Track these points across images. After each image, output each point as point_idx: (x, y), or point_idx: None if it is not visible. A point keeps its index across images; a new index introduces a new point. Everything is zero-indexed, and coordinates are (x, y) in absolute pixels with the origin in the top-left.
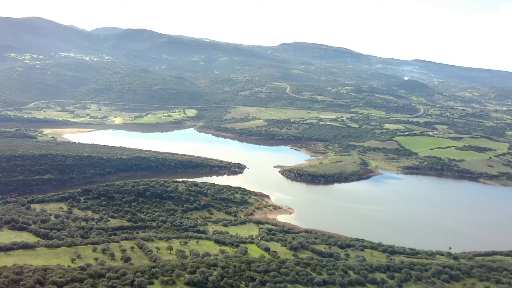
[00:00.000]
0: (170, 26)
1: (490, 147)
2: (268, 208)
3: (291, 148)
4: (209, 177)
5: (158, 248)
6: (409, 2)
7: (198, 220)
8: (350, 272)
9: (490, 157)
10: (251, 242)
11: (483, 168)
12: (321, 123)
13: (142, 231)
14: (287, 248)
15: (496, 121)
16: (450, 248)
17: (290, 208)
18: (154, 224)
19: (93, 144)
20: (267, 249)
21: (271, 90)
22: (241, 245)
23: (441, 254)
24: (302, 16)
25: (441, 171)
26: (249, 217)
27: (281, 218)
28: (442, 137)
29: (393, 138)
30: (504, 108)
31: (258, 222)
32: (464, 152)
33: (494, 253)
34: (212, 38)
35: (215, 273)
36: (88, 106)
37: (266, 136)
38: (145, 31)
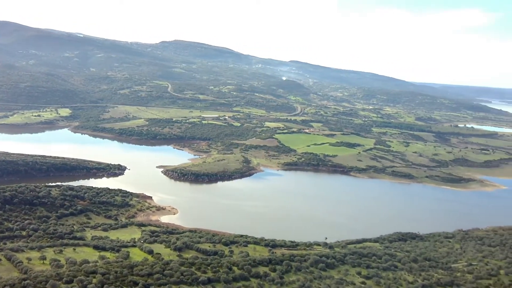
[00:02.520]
0: (39, 19)
1: (359, 143)
2: (151, 210)
3: (174, 148)
4: (86, 180)
5: (29, 259)
6: (287, 4)
7: (74, 226)
8: (235, 268)
9: (359, 152)
10: (134, 246)
11: (354, 163)
12: (203, 122)
13: (10, 242)
14: (171, 249)
15: (363, 119)
16: (326, 238)
17: (173, 208)
18: (24, 233)
19: None
20: (150, 252)
21: (152, 88)
22: (122, 249)
23: (318, 244)
24: (183, 14)
25: (317, 166)
26: (131, 219)
27: (165, 219)
28: (317, 134)
29: (274, 136)
30: (370, 107)
31: (140, 225)
32: (337, 148)
33: (364, 240)
34: (86, 33)
35: (94, 280)
36: None
37: (148, 136)
38: (9, 24)
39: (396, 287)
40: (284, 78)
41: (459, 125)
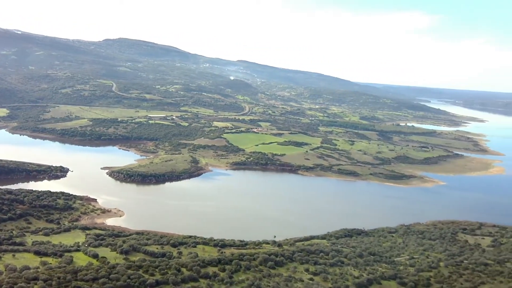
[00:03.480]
0: None
1: (307, 142)
2: (95, 212)
3: (120, 148)
4: (26, 183)
5: None
6: (233, 3)
7: (13, 231)
8: (183, 269)
9: (307, 151)
10: (77, 250)
11: (301, 161)
12: (150, 122)
13: None
14: (117, 253)
15: (310, 118)
16: (275, 236)
17: (120, 210)
18: None
19: None
20: (95, 256)
21: (95, 87)
22: (65, 254)
23: (267, 243)
24: (128, 11)
25: (265, 165)
26: (75, 223)
27: (110, 221)
28: (265, 134)
29: (222, 136)
30: (317, 106)
31: (84, 228)
32: (285, 147)
33: (312, 237)
34: (24, 29)
35: (36, 287)
36: None
37: (92, 137)
38: None
39: (342, 282)
40: (232, 78)
41: (400, 124)
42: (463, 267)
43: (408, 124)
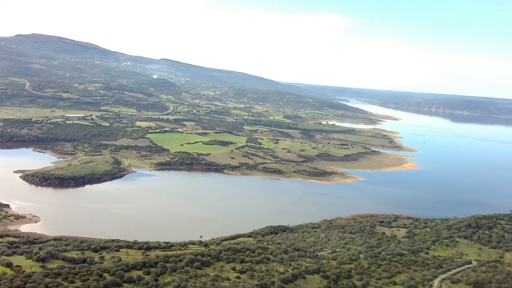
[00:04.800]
0: None
1: (232, 141)
2: (8, 219)
3: (34, 150)
4: None
5: None
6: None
7: None
8: (106, 274)
9: (232, 150)
10: None
11: (227, 160)
12: (68, 122)
13: None
14: (33, 260)
15: (235, 117)
16: (201, 236)
17: (35, 216)
18: None
19: None
20: (9, 265)
21: (6, 86)
22: None
23: (193, 243)
24: (42, 5)
25: (191, 165)
26: None
27: (25, 228)
28: (190, 133)
29: (145, 136)
30: (242, 106)
31: None
32: (210, 146)
33: (238, 236)
34: None
35: None
36: None
37: (3, 138)
38: None
39: (268, 279)
40: (155, 77)
41: (322, 122)
42: (381, 258)
43: (330, 122)
